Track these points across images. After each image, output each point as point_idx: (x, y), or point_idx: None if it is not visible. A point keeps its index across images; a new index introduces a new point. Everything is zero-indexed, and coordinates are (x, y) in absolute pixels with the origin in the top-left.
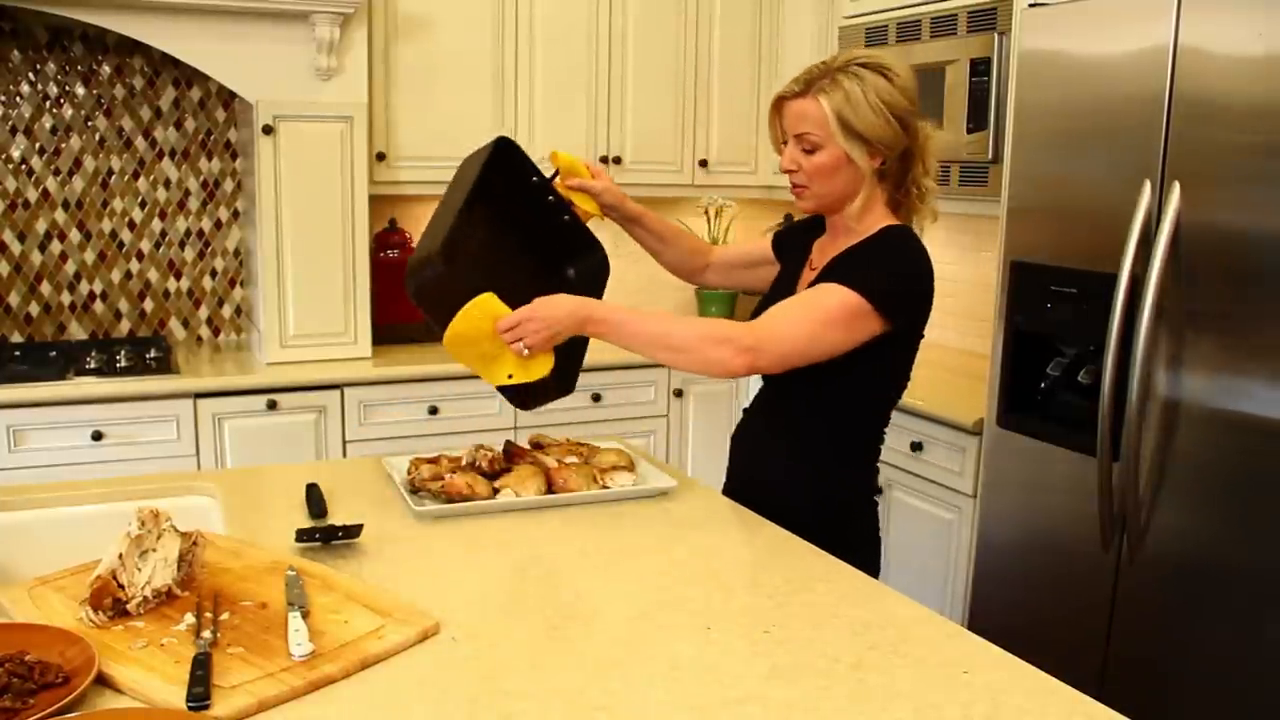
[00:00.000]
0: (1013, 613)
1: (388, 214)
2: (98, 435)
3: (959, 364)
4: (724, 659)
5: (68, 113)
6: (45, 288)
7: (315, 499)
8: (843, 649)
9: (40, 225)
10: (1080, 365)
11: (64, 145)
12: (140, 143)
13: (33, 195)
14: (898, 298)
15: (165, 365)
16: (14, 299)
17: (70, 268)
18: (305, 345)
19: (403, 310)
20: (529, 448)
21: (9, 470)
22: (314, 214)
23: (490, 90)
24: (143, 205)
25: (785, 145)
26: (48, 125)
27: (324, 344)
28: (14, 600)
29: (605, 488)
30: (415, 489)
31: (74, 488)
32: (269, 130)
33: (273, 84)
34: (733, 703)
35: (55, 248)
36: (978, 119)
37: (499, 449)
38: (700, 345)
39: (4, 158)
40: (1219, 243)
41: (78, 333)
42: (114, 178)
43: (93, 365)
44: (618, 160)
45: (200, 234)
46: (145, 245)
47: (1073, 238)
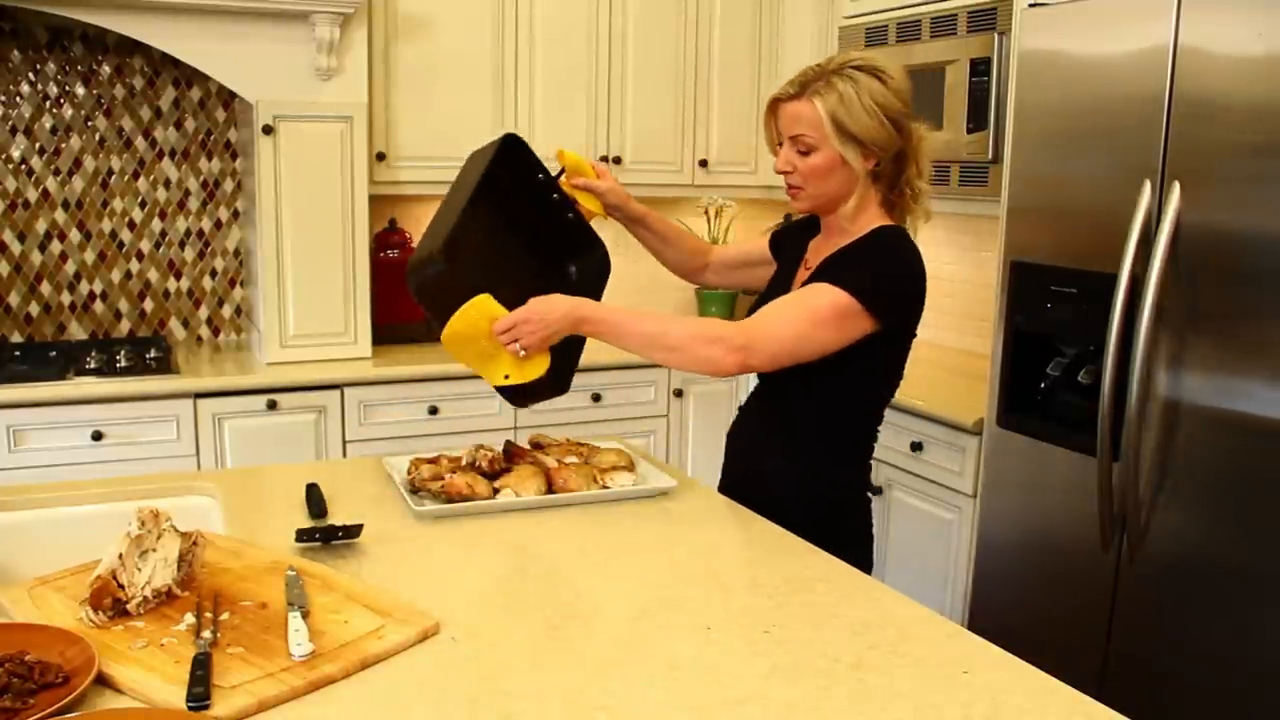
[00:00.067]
0: (1013, 613)
1: (388, 214)
2: (98, 435)
3: (959, 364)
4: (724, 659)
5: (68, 113)
6: (45, 288)
7: (315, 499)
8: (843, 649)
9: (40, 225)
10: (1080, 365)
11: (64, 145)
12: (140, 143)
13: (33, 195)
14: (889, 298)
15: (165, 365)
16: (14, 299)
17: (70, 268)
18: (305, 345)
19: (403, 310)
20: (529, 448)
21: (9, 470)
22: (314, 214)
23: (490, 90)
24: (143, 205)
25: (780, 147)
26: (48, 125)
27: (324, 344)
28: (14, 600)
29: (605, 488)
30: (415, 489)
31: (74, 488)
32: (269, 130)
33: (273, 84)
34: (733, 703)
35: (55, 248)
36: (978, 119)
37: (499, 449)
38: (692, 344)
39: (4, 158)
40: (1219, 243)
41: (78, 333)
42: (114, 178)
43: (93, 365)
44: (618, 160)
45: (200, 234)
46: (145, 245)
47: (1073, 238)
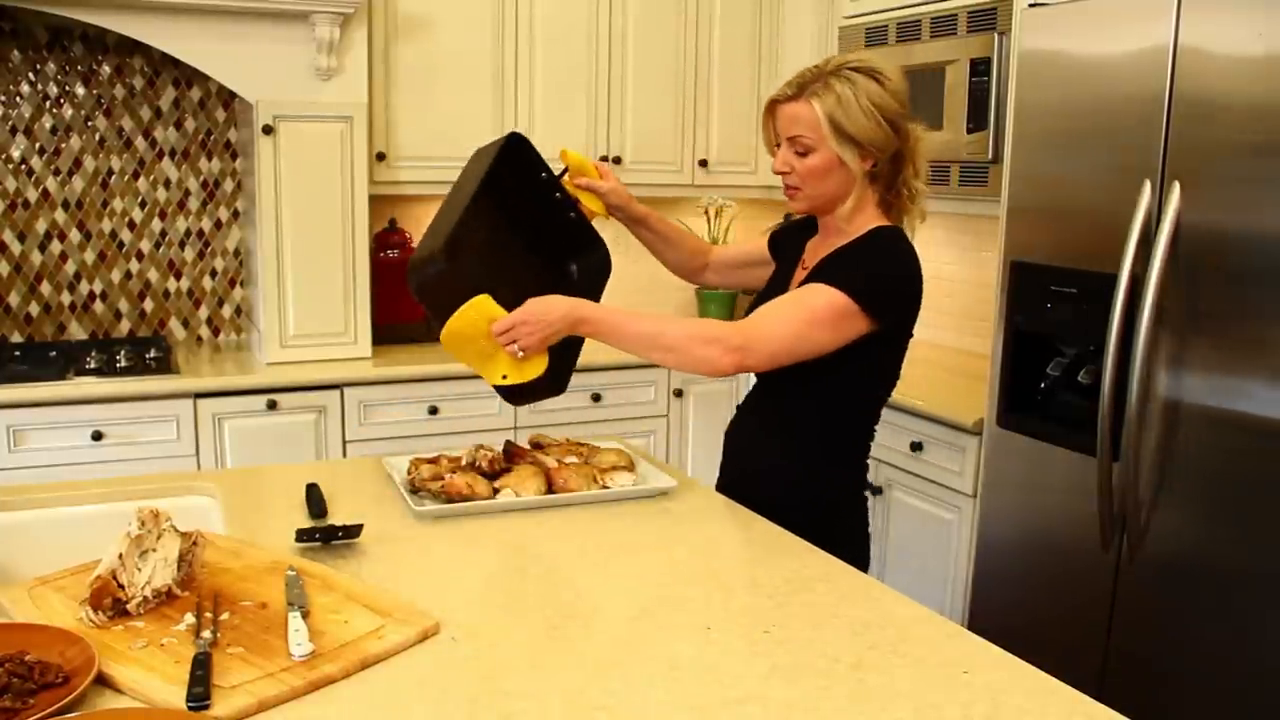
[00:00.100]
0: (1012, 613)
1: (388, 214)
2: (98, 435)
3: (958, 364)
4: (724, 659)
5: (68, 113)
6: (45, 288)
7: (315, 499)
8: (843, 649)
9: (40, 225)
10: (1080, 365)
11: (64, 145)
12: (140, 143)
13: (33, 195)
14: (885, 298)
15: (165, 365)
16: (14, 299)
17: (70, 268)
18: (305, 345)
19: (403, 310)
20: (529, 448)
21: (9, 470)
22: (314, 214)
23: (490, 90)
24: (143, 205)
25: (778, 148)
26: (48, 125)
27: (324, 344)
28: (14, 600)
29: (605, 488)
30: (415, 489)
31: (74, 488)
32: (269, 130)
33: (273, 84)
34: (733, 703)
35: (55, 248)
36: (978, 119)
37: (499, 449)
38: (689, 345)
39: (4, 158)
40: (1219, 243)
41: (78, 333)
42: (114, 178)
43: (93, 365)
44: (618, 160)
45: (200, 234)
46: (145, 245)
47: (1073, 238)
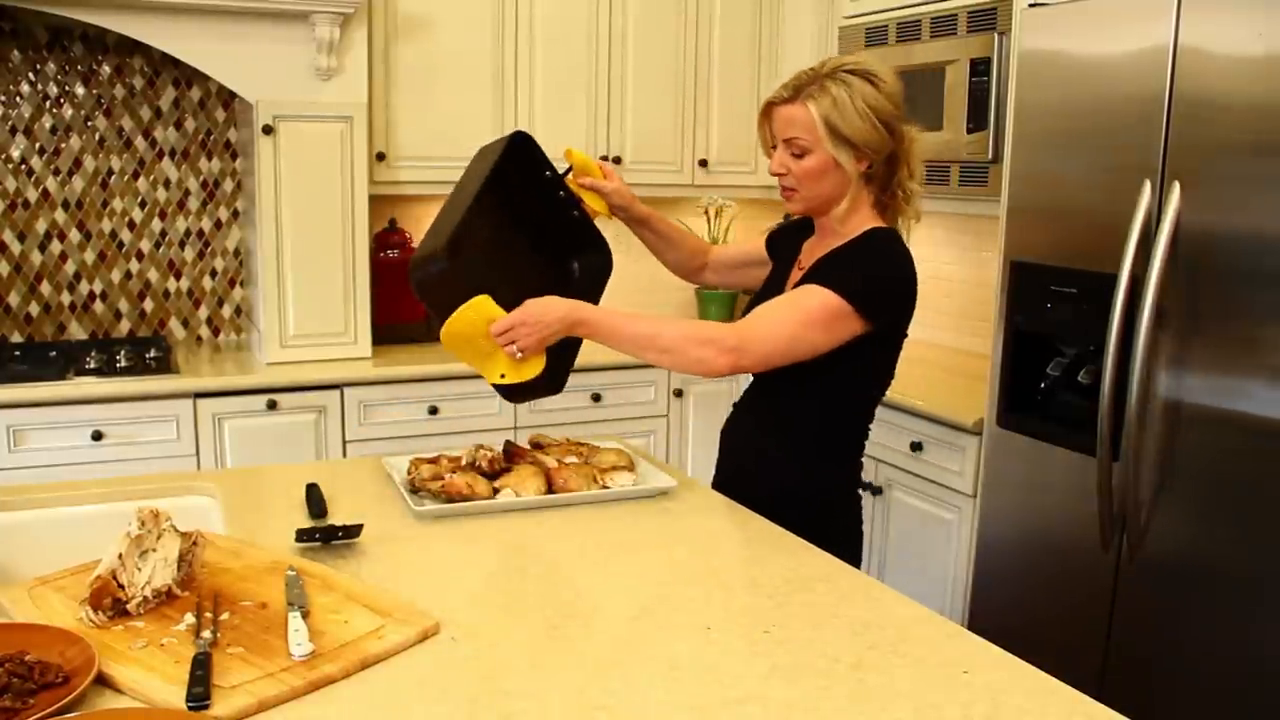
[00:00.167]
0: (1012, 613)
1: (388, 214)
2: (98, 435)
3: (958, 364)
4: (724, 659)
5: (68, 113)
6: (45, 288)
7: (315, 499)
8: (842, 649)
9: (40, 225)
10: (1080, 365)
11: (64, 145)
12: (140, 143)
13: (33, 195)
14: (879, 299)
15: (165, 365)
16: (14, 299)
17: (70, 268)
18: (305, 345)
19: (403, 310)
20: (529, 448)
21: (9, 470)
22: (314, 214)
23: (490, 90)
24: (143, 205)
25: (774, 149)
26: (48, 125)
27: (324, 344)
28: (14, 600)
29: (605, 488)
30: (415, 489)
31: (74, 488)
32: (269, 130)
33: (273, 84)
34: (733, 703)
35: (55, 248)
36: (978, 119)
37: (499, 449)
38: (685, 346)
39: (4, 158)
40: (1219, 243)
41: (78, 333)
42: (114, 178)
43: (93, 365)
44: (618, 160)
45: (200, 234)
46: (145, 245)
47: (1073, 238)
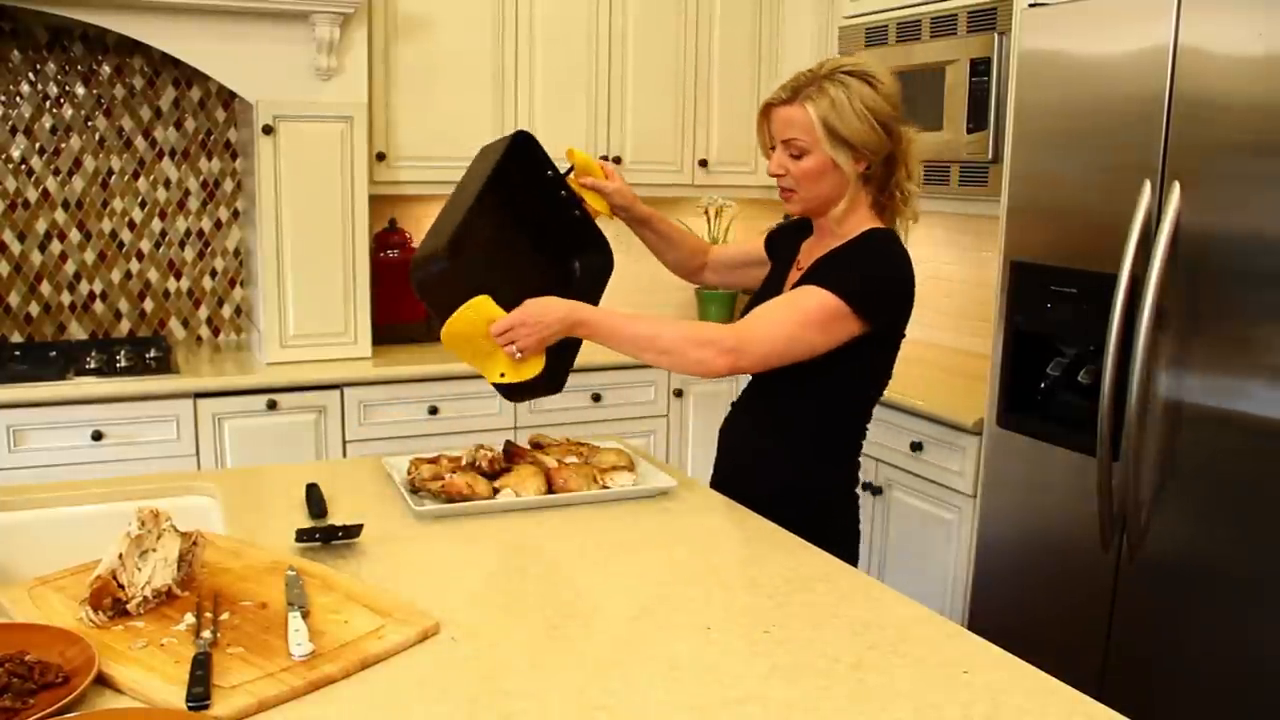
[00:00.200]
0: (1012, 613)
1: (388, 214)
2: (98, 435)
3: (958, 364)
4: (724, 659)
5: (68, 113)
6: (45, 288)
7: (315, 499)
8: (842, 649)
9: (40, 225)
10: (1080, 365)
11: (64, 145)
12: (140, 143)
13: (33, 195)
14: (877, 300)
15: (165, 365)
16: (14, 299)
17: (70, 268)
18: (305, 345)
19: (403, 310)
20: (529, 448)
21: (9, 470)
22: (314, 214)
23: (490, 90)
24: (143, 205)
25: (773, 150)
26: (48, 125)
27: (324, 344)
28: (14, 600)
29: (605, 487)
30: (415, 489)
31: (74, 488)
32: (269, 130)
33: (273, 84)
34: (733, 703)
35: (55, 248)
36: (978, 119)
37: (499, 449)
38: (684, 347)
39: (4, 157)
40: (1219, 243)
41: (78, 333)
42: (114, 178)
43: (93, 365)
44: (618, 160)
45: (200, 234)
46: (145, 245)
47: (1073, 238)
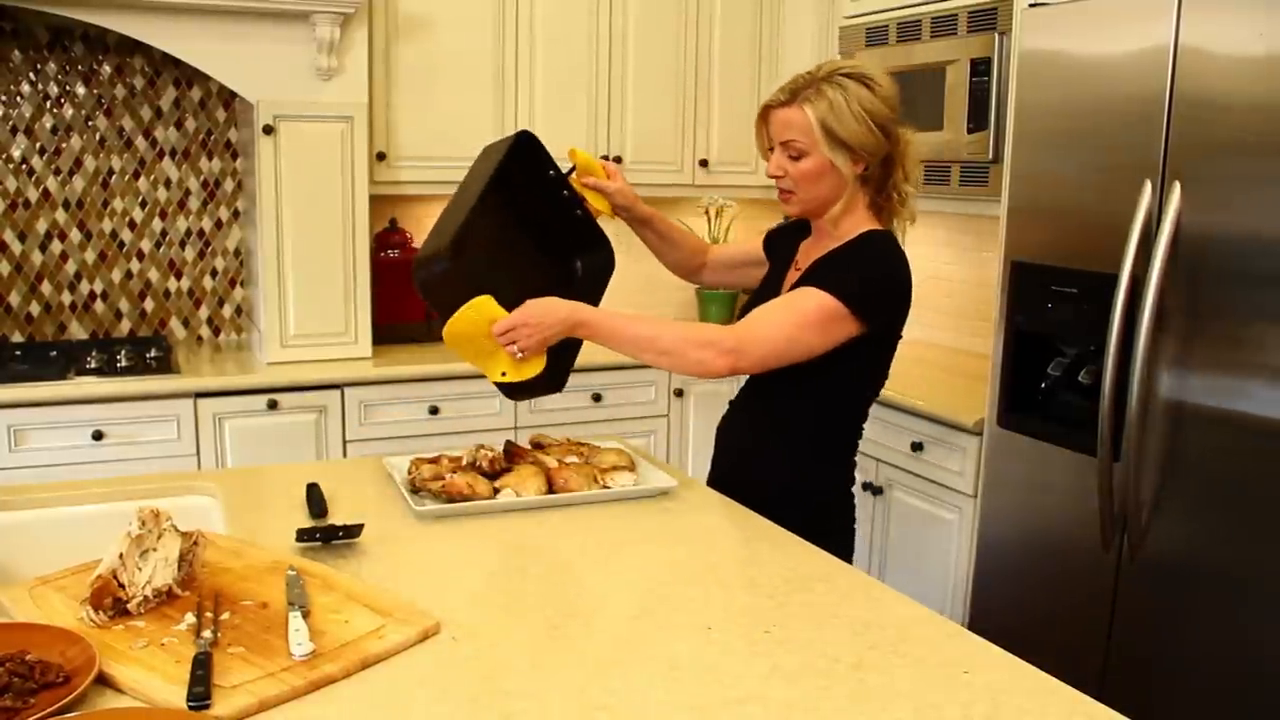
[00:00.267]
0: (1013, 613)
1: (388, 214)
2: (98, 435)
3: (959, 364)
4: (724, 659)
5: (68, 112)
6: (46, 287)
7: (316, 499)
8: (843, 649)
9: (41, 225)
10: (1081, 365)
11: (64, 145)
12: (141, 142)
13: (33, 195)
14: (875, 301)
15: (166, 365)
16: (14, 299)
17: (71, 267)
18: (306, 345)
19: (403, 310)
20: (529, 448)
21: (10, 470)
22: (314, 214)
23: (491, 90)
24: (143, 205)
25: (771, 152)
26: (48, 125)
27: (324, 344)
28: (15, 600)
29: (605, 487)
30: (416, 489)
31: (74, 487)
32: (269, 130)
33: (273, 84)
34: (733, 703)
35: (56, 247)
36: (978, 119)
37: (499, 449)
38: (684, 348)
39: (4, 157)
40: (1220, 243)
41: (78, 332)
42: (114, 177)
43: (93, 365)
44: (618, 160)
45: (201, 234)
46: (146, 245)
47: (1073, 238)
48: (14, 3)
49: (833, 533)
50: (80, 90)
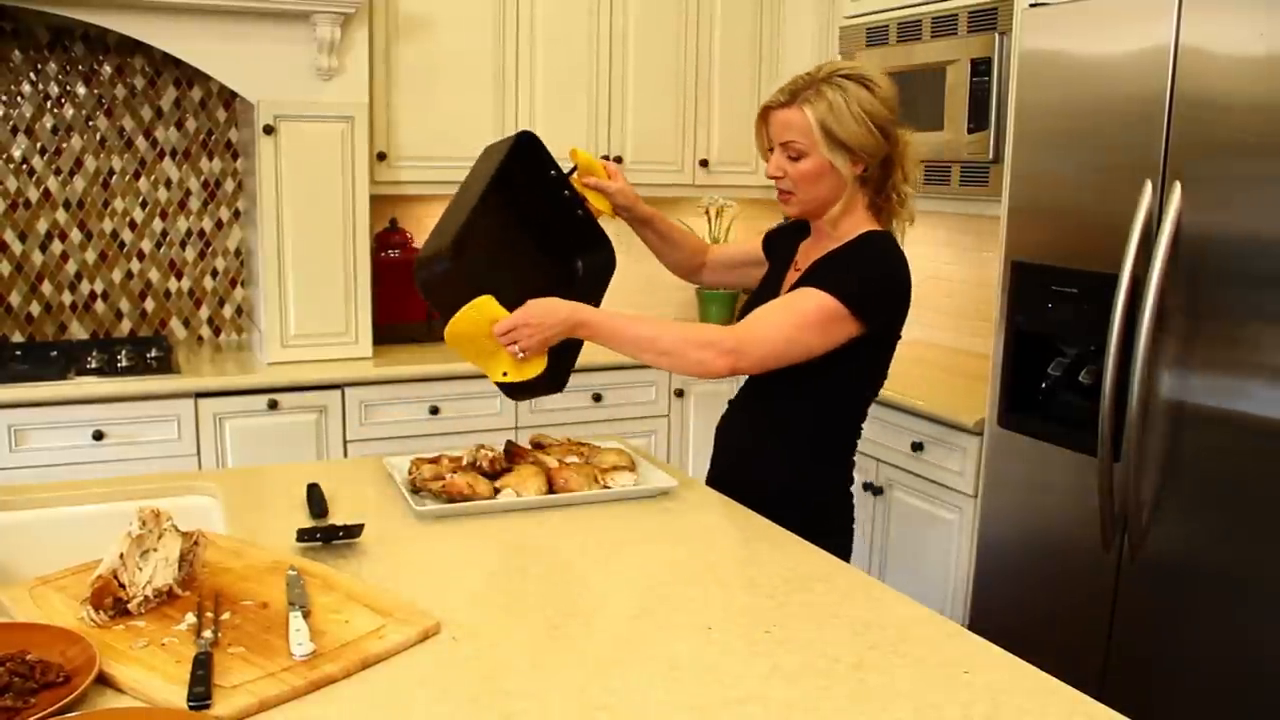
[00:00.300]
0: (1013, 613)
1: (389, 214)
2: (99, 435)
3: (959, 364)
4: (724, 659)
5: (69, 112)
6: (46, 287)
7: (316, 499)
8: (843, 649)
9: (41, 225)
10: (1081, 365)
11: (65, 145)
12: (141, 142)
13: (34, 195)
14: (874, 301)
15: (166, 365)
16: (15, 299)
17: (71, 267)
18: (306, 345)
19: (404, 310)
20: (530, 448)
21: (10, 470)
22: (315, 214)
23: (491, 90)
24: (144, 205)
25: (771, 153)
26: (49, 125)
27: (325, 344)
28: (15, 599)
29: (606, 487)
30: (416, 489)
31: (75, 487)
32: (270, 130)
33: (274, 84)
34: (733, 703)
35: (56, 247)
36: (978, 119)
37: (500, 449)
38: (685, 348)
39: (5, 157)
40: (1220, 243)
41: (79, 332)
42: (115, 177)
43: (94, 365)
44: (619, 160)
45: (201, 234)
46: (146, 245)
47: (1074, 238)
48: (14, 3)
49: (832, 532)
50: (81, 90)
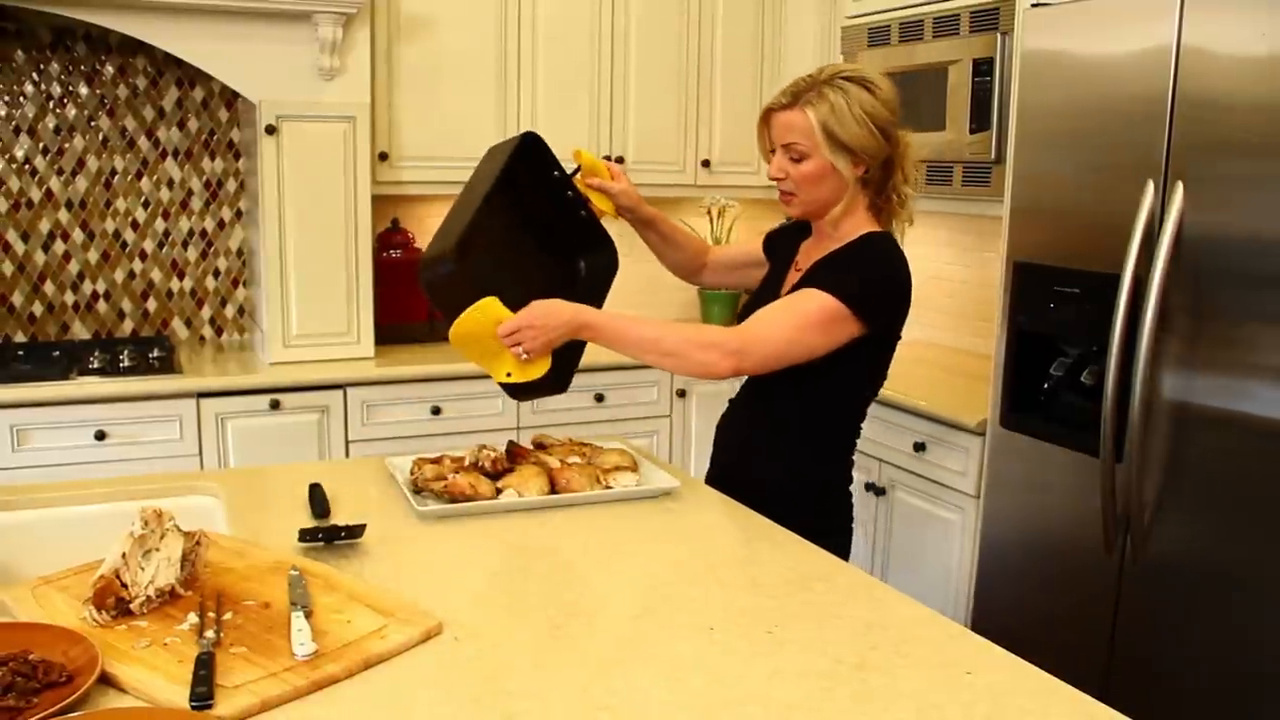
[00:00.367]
0: (1015, 613)
1: (390, 214)
2: (101, 435)
3: (961, 364)
4: (726, 659)
5: (71, 113)
6: (49, 287)
7: (318, 499)
8: (845, 649)
9: (44, 225)
10: (1083, 366)
11: (67, 145)
12: (143, 143)
13: (36, 195)
14: (876, 302)
15: (168, 365)
16: (17, 299)
17: (74, 267)
18: (308, 345)
19: (405, 310)
20: (532, 448)
21: (12, 470)
22: (317, 214)
23: (493, 90)
24: (146, 205)
25: (773, 154)
26: (51, 125)
27: (327, 344)
28: (17, 599)
29: (608, 488)
30: (418, 489)
31: (77, 487)
32: (272, 130)
33: (276, 84)
34: (735, 703)
35: (59, 247)
36: (980, 119)
37: (502, 449)
38: (688, 349)
39: (8, 158)
40: (1222, 243)
41: (81, 332)
42: (117, 178)
43: (96, 365)
44: (620, 160)
45: (203, 234)
46: (148, 245)
47: (1076, 238)
48: (17, 3)
49: (831, 532)
50: (83, 90)
